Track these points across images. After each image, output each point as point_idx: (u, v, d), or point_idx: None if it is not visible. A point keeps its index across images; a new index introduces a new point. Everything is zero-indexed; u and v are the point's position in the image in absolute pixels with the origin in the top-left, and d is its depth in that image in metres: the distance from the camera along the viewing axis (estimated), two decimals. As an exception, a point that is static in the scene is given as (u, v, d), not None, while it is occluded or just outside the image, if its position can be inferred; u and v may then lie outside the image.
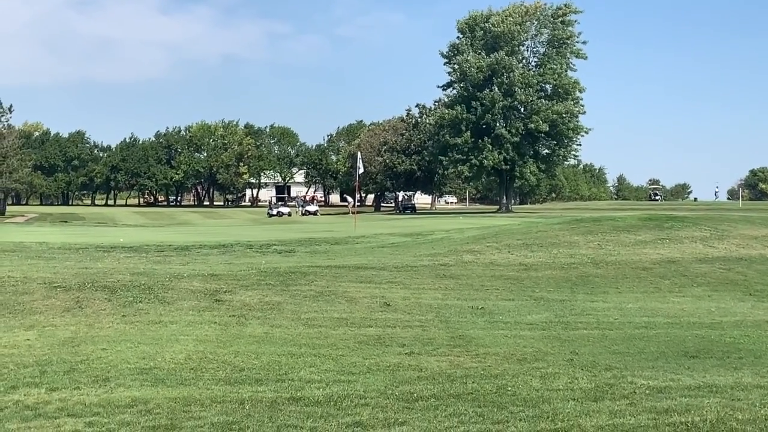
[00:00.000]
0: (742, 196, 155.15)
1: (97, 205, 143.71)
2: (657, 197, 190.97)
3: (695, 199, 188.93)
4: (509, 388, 10.09)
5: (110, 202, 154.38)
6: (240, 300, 17.36)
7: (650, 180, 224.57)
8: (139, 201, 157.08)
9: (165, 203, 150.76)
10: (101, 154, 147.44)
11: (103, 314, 15.56)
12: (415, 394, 9.70)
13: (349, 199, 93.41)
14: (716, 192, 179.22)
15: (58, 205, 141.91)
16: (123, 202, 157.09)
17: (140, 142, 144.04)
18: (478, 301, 18.80)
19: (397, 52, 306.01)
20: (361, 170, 54.44)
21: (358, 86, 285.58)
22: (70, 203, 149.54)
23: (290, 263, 23.73)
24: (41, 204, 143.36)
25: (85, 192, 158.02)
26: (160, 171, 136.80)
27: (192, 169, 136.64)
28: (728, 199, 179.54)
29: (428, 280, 21.42)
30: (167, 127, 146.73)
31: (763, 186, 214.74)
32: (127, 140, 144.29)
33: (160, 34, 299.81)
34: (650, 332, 15.61)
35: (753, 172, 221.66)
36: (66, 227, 58.17)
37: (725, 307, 19.08)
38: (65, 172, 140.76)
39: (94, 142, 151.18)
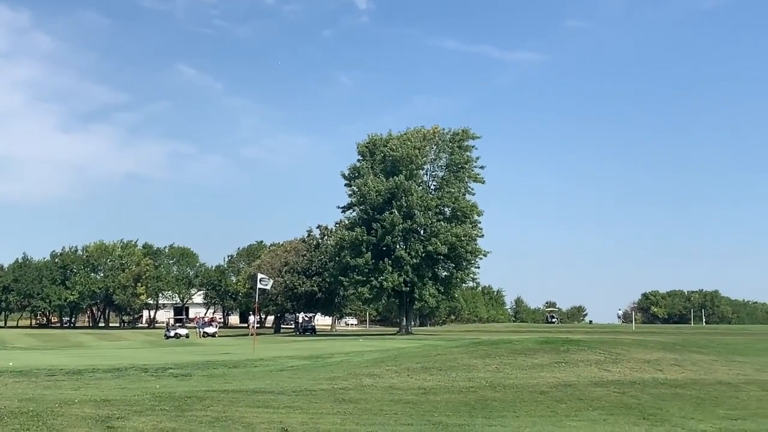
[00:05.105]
0: (635, 319, 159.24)
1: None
2: (553, 320, 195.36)
3: (590, 321, 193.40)
4: None
5: (0, 323, 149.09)
6: (133, 426, 16.85)
7: (547, 302, 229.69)
8: (31, 322, 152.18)
9: (58, 324, 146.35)
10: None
11: (-13, 443, 14.92)
12: None
13: (251, 319, 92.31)
14: (618, 315, 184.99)
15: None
16: (14, 323, 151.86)
17: (34, 261, 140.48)
18: (376, 426, 18.65)
19: (300, 173, 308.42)
20: (269, 285, 54.26)
21: (260, 207, 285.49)
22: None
23: (186, 387, 23.22)
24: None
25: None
26: (54, 291, 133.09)
27: (87, 289, 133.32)
28: (621, 322, 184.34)
29: (327, 404, 21.19)
30: (63, 247, 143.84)
31: (655, 309, 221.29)
32: (20, 260, 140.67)
33: (60, 152, 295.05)
34: (547, 457, 15.72)
35: (645, 296, 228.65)
36: (-49, 350, 55.84)
37: (620, 431, 19.36)
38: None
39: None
